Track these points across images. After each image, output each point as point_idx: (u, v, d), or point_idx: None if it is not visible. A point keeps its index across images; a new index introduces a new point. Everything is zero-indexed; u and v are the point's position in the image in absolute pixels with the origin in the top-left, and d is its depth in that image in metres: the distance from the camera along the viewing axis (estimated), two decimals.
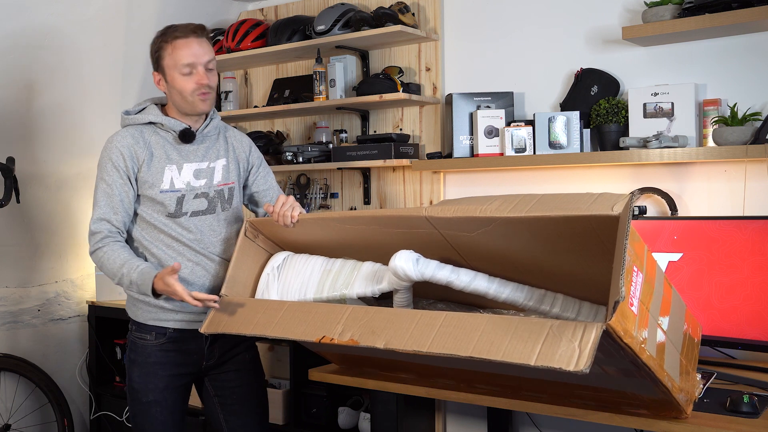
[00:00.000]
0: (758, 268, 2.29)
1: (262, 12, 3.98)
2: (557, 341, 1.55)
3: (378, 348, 1.80)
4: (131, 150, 2.26)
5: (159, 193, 2.24)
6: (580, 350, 1.51)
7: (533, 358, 1.56)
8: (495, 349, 1.62)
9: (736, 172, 2.66)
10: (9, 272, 3.53)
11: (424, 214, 1.93)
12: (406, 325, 1.80)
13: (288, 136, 3.87)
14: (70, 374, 3.80)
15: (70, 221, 3.77)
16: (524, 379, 1.99)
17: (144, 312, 2.31)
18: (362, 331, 1.86)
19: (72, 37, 3.48)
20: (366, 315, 1.89)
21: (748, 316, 2.31)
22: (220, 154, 2.36)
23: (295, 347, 3.26)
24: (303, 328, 1.97)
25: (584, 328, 1.53)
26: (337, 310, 1.95)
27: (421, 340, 1.74)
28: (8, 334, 3.53)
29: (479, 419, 3.17)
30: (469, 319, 1.72)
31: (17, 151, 3.44)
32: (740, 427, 1.81)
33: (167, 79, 2.26)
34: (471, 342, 1.67)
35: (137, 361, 2.32)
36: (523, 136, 2.94)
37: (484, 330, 1.67)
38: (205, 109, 2.28)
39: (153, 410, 2.30)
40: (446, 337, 1.71)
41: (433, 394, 2.23)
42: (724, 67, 2.72)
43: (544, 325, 1.60)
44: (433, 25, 3.37)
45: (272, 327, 2.03)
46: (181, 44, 2.22)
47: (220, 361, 2.39)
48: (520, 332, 1.62)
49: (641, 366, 1.65)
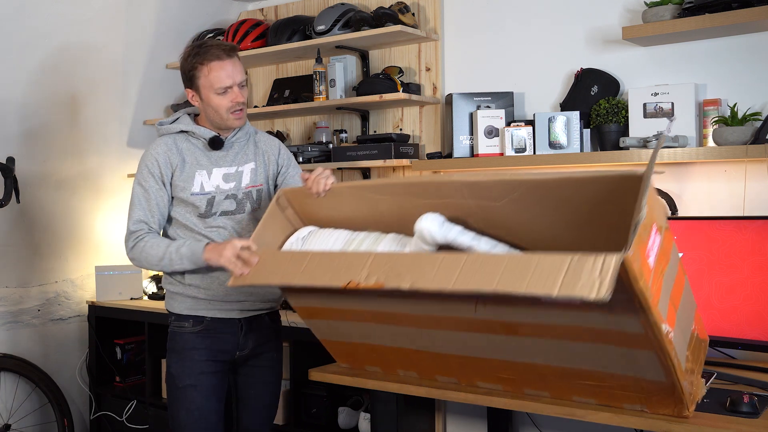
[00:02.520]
0: (758, 268, 2.29)
1: (262, 12, 3.98)
2: (578, 273, 1.60)
3: (404, 289, 1.85)
4: (165, 157, 2.38)
5: (190, 196, 2.38)
6: (600, 280, 1.56)
7: (555, 288, 1.61)
8: (518, 282, 1.67)
9: (736, 172, 2.66)
10: (9, 272, 3.54)
11: (457, 179, 2.02)
12: (430, 266, 1.85)
13: (288, 136, 3.87)
14: (70, 374, 3.80)
15: (70, 221, 3.77)
16: (527, 369, 1.98)
17: (180, 303, 2.43)
18: (387, 275, 1.90)
19: (72, 37, 3.48)
20: (390, 259, 1.94)
21: (748, 316, 2.31)
22: (249, 158, 2.48)
23: (295, 347, 3.27)
24: (329, 276, 2.01)
25: (604, 259, 1.58)
26: (361, 256, 2.00)
27: (446, 279, 1.79)
28: (8, 334, 3.53)
29: (479, 419, 3.17)
30: (490, 257, 1.79)
31: (17, 151, 3.44)
32: (740, 427, 1.81)
33: (202, 97, 2.37)
34: (494, 278, 1.71)
35: (175, 348, 2.43)
36: (523, 136, 2.94)
37: (507, 267, 1.72)
38: (238, 125, 2.42)
39: (189, 394, 2.38)
40: (470, 275, 1.76)
41: (433, 394, 2.23)
42: (724, 67, 2.72)
43: (565, 260, 1.64)
44: (433, 25, 3.37)
45: (298, 276, 2.07)
46: (217, 66, 2.31)
47: (252, 353, 2.49)
48: (541, 267, 1.67)
49: (650, 326, 1.67)
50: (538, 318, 1.84)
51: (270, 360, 2.56)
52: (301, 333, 3.20)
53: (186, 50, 2.40)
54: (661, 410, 1.86)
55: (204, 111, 2.41)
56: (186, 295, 2.41)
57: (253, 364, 2.52)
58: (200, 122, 2.46)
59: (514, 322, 1.89)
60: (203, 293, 2.40)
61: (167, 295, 2.50)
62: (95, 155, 3.84)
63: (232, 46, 2.38)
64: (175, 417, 2.42)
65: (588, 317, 1.76)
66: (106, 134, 3.86)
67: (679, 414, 1.84)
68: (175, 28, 3.85)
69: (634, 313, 1.66)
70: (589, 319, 1.76)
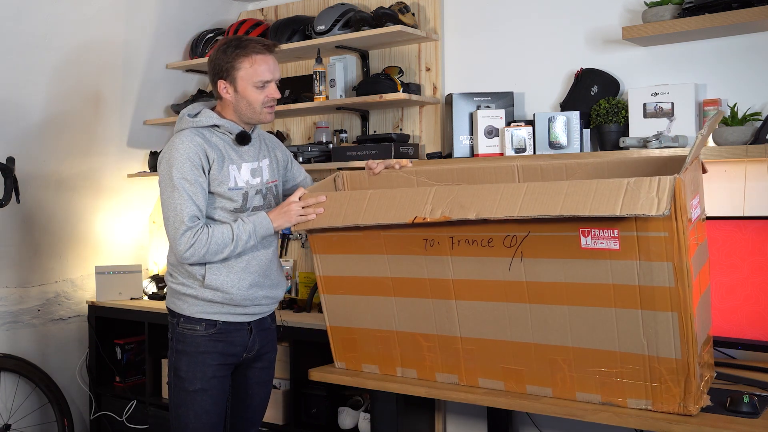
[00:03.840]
0: (758, 268, 2.30)
1: (262, 12, 3.98)
2: (636, 194, 1.74)
3: (470, 218, 1.94)
4: (203, 149, 2.34)
5: (228, 190, 2.36)
6: (658, 198, 1.70)
7: (618, 208, 1.74)
8: (581, 206, 1.79)
9: (736, 172, 2.66)
10: (9, 272, 3.54)
11: (515, 163, 2.14)
12: (492, 196, 1.94)
13: (288, 136, 3.87)
14: (70, 374, 3.80)
15: (70, 221, 3.77)
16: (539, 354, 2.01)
17: (191, 305, 2.39)
18: (451, 207, 1.99)
19: (72, 37, 3.48)
20: (451, 192, 2.02)
21: (748, 316, 2.31)
22: (264, 155, 2.50)
23: (295, 347, 3.27)
24: (393, 213, 2.08)
25: (659, 181, 1.73)
26: (422, 191, 2.08)
27: (510, 207, 1.88)
28: (8, 334, 3.54)
29: (479, 419, 3.17)
30: (550, 185, 1.88)
31: (17, 151, 3.43)
32: (740, 427, 1.81)
33: (237, 89, 2.36)
34: (557, 203, 1.82)
35: (186, 351, 2.39)
36: (523, 136, 2.94)
37: (567, 193, 1.82)
38: (269, 120, 2.44)
39: (199, 398, 2.37)
40: (533, 203, 1.86)
41: (433, 394, 2.23)
42: (724, 67, 2.72)
43: (622, 183, 1.77)
44: (433, 25, 3.37)
45: (362, 216, 2.14)
46: (260, 60, 2.35)
47: (257, 354, 2.50)
48: (601, 191, 1.79)
49: (681, 274, 1.76)
50: (569, 272, 1.90)
51: (269, 361, 2.57)
52: (301, 333, 3.20)
53: (222, 42, 2.39)
54: (666, 405, 1.86)
55: (235, 104, 2.38)
56: (200, 298, 2.37)
57: (254, 365, 2.52)
58: (224, 116, 2.43)
59: (542, 284, 1.95)
60: (220, 297, 2.36)
61: (174, 296, 2.44)
62: (95, 155, 3.84)
63: (273, 42, 2.41)
64: (181, 419, 2.39)
65: (621, 268, 1.83)
66: (106, 134, 3.86)
67: (685, 408, 1.83)
68: (175, 28, 3.85)
69: (670, 258, 1.75)
70: (621, 271, 1.83)
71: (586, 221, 1.84)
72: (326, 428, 3.27)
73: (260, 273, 2.42)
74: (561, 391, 2.00)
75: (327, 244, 2.32)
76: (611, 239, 1.83)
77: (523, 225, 1.94)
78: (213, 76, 2.40)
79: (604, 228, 1.83)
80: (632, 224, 1.80)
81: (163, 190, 2.32)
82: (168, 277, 2.47)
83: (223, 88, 2.38)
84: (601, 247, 1.83)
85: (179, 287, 2.40)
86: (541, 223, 1.90)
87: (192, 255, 2.27)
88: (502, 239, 1.98)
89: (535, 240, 1.93)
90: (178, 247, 2.27)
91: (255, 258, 2.40)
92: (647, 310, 1.82)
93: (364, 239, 2.23)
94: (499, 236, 1.98)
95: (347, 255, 2.28)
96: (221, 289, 2.35)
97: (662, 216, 1.70)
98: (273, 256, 2.49)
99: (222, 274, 2.35)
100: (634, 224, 1.80)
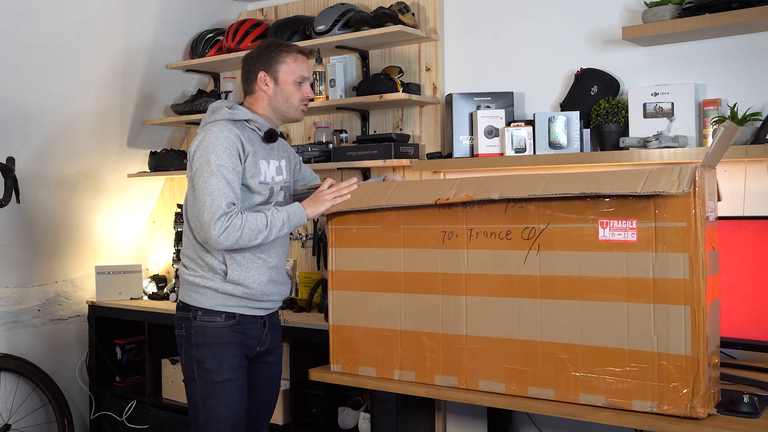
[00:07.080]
0: (758, 268, 2.29)
1: (262, 12, 3.98)
2: (658, 177, 1.82)
3: (494, 198, 2.03)
4: (240, 139, 2.39)
5: (258, 184, 2.42)
6: (679, 180, 1.79)
7: (639, 187, 1.82)
8: (603, 186, 1.88)
9: (736, 172, 2.66)
10: (9, 272, 3.54)
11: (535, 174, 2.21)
12: (516, 182, 2.04)
13: (288, 136, 3.87)
14: (70, 374, 3.80)
15: (70, 221, 3.77)
16: (546, 353, 2.01)
17: (210, 299, 2.42)
18: (476, 191, 2.08)
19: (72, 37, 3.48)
20: (476, 180, 2.12)
21: (748, 316, 2.31)
22: (281, 155, 2.58)
23: (295, 347, 3.27)
24: (417, 196, 2.19)
25: (680, 168, 1.81)
26: (447, 181, 2.19)
27: (533, 189, 1.99)
28: (8, 334, 3.54)
29: (479, 419, 3.17)
30: (572, 174, 1.98)
31: (17, 151, 3.44)
32: (740, 427, 1.81)
33: (278, 82, 2.48)
34: (580, 185, 1.91)
35: (208, 343, 2.41)
36: (523, 136, 2.94)
37: (590, 179, 1.92)
38: (301, 118, 2.57)
39: (228, 388, 2.41)
40: (556, 185, 1.95)
41: (432, 394, 2.23)
42: (724, 67, 2.72)
43: (643, 171, 1.87)
44: (433, 25, 3.37)
45: (386, 199, 2.25)
46: (302, 59, 2.52)
47: (268, 348, 2.56)
48: (623, 177, 1.88)
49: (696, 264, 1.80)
50: (584, 265, 1.95)
51: (277, 355, 2.63)
52: (301, 333, 3.20)
53: (264, 41, 2.58)
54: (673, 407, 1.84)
55: (272, 97, 2.48)
56: (221, 291, 2.40)
57: (265, 359, 2.57)
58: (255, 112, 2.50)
59: (556, 278, 1.99)
60: (241, 291, 2.41)
61: (190, 289, 2.44)
62: (95, 155, 3.84)
63: (312, 49, 2.62)
64: (211, 410, 2.39)
65: (636, 260, 1.87)
66: (106, 134, 3.86)
67: (692, 410, 1.82)
68: (175, 28, 3.85)
69: (686, 249, 1.80)
70: (636, 264, 1.87)
71: (605, 214, 1.92)
72: (326, 428, 3.27)
73: (276, 269, 2.50)
74: (564, 394, 1.99)
75: (346, 237, 2.38)
76: (629, 230, 1.89)
77: (543, 216, 2.01)
78: (253, 67, 2.48)
79: (623, 219, 1.89)
80: (651, 214, 1.86)
81: (198, 176, 2.31)
82: (183, 269, 2.47)
83: (263, 80, 2.47)
84: (618, 239, 1.90)
85: (198, 279, 2.42)
86: (562, 213, 1.98)
87: (225, 239, 2.27)
88: (520, 231, 2.04)
89: (554, 232, 1.99)
90: (212, 231, 2.26)
91: (273, 254, 2.48)
92: (660, 303, 1.85)
93: (383, 232, 2.29)
94: (518, 228, 2.04)
95: (364, 249, 2.34)
96: (243, 283, 2.40)
97: (683, 194, 1.76)
98: (285, 254, 2.57)
99: (243, 269, 2.41)
100: (653, 214, 1.85)
